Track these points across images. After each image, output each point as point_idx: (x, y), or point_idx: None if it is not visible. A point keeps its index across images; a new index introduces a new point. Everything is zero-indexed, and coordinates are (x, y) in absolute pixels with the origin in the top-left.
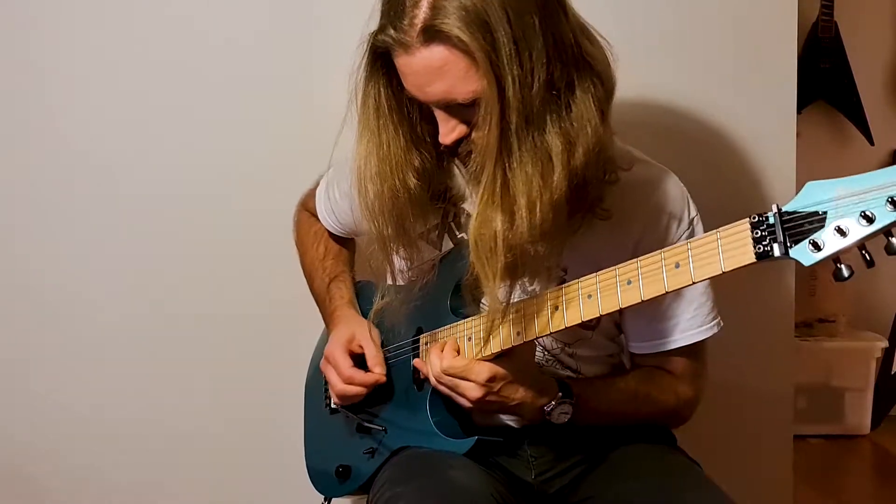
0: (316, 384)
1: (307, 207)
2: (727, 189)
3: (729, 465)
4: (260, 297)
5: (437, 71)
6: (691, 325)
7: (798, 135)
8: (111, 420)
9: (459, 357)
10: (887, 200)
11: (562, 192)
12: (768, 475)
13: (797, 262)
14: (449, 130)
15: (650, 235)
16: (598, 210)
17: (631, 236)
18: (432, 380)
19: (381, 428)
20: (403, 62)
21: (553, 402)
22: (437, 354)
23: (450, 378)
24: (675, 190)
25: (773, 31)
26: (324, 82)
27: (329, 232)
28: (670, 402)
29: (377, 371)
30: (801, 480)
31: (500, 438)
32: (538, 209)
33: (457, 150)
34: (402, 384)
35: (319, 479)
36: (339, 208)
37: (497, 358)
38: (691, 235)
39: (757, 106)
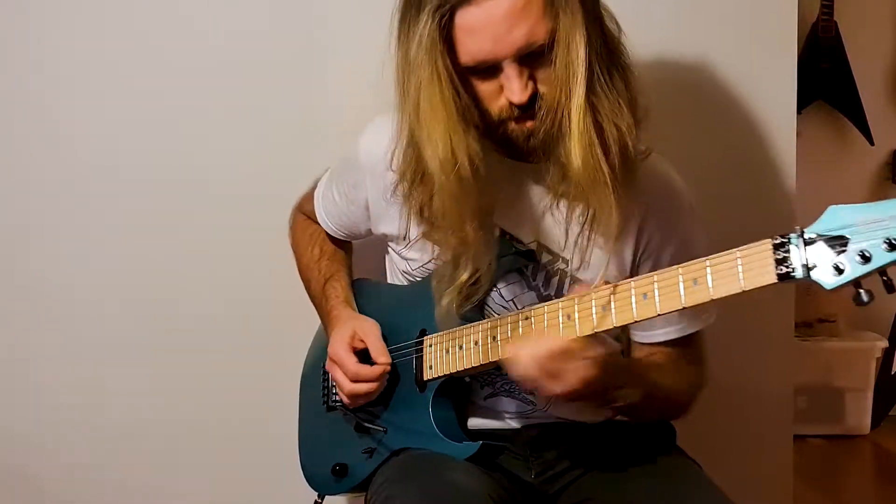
0: (312, 382)
1: (303, 210)
2: (727, 189)
3: (729, 465)
4: (257, 297)
5: (520, 12)
6: (695, 312)
7: (798, 135)
8: (110, 420)
9: (564, 339)
10: None
11: (632, 125)
12: (768, 475)
13: (818, 286)
14: (523, 86)
15: (653, 220)
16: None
17: (635, 221)
18: (531, 366)
19: (381, 428)
20: (482, 12)
21: (625, 390)
22: (539, 341)
23: (554, 366)
24: (673, 178)
25: (773, 31)
26: (323, 83)
27: (326, 234)
28: (685, 386)
29: (382, 360)
30: (801, 480)
31: (505, 444)
32: (624, 141)
33: (530, 108)
34: (403, 385)
35: (314, 477)
36: (338, 210)
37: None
38: (689, 225)
39: (757, 106)
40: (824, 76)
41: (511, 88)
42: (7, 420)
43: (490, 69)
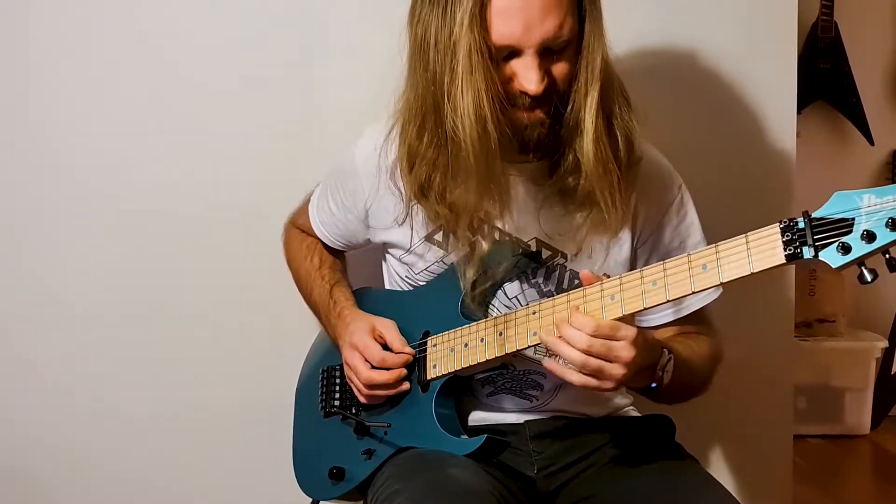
0: (309, 390)
1: (297, 224)
2: (727, 189)
3: (729, 465)
4: (255, 301)
5: (555, 4)
6: None
7: (798, 135)
8: (110, 421)
9: (599, 319)
10: None
11: (636, 126)
12: (768, 475)
13: (825, 265)
14: (540, 78)
15: (645, 204)
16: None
17: (629, 207)
18: (578, 357)
19: (385, 424)
20: None
21: (665, 360)
22: (578, 322)
23: (602, 341)
24: (660, 160)
25: (773, 31)
26: (324, 86)
27: (323, 245)
28: (710, 359)
29: (406, 350)
30: (801, 480)
31: (508, 440)
32: (631, 140)
33: (542, 100)
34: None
35: (309, 482)
36: (335, 220)
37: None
38: (681, 203)
39: (757, 106)
40: (824, 76)
41: (528, 78)
42: (8, 420)
43: (511, 55)
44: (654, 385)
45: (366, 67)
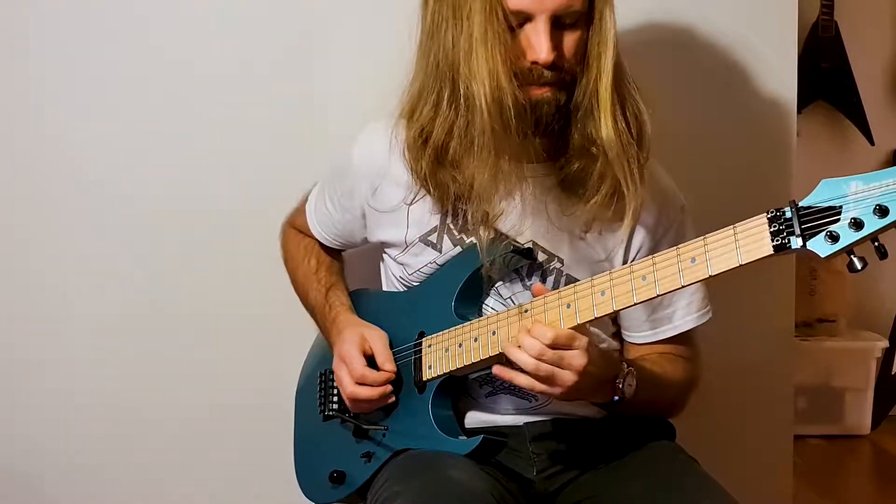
0: (309, 392)
1: (294, 225)
2: (727, 188)
3: (729, 465)
4: (256, 302)
5: None
6: (688, 311)
7: (798, 135)
8: (109, 421)
9: (558, 329)
10: None
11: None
12: (768, 475)
13: (814, 254)
14: (550, 47)
15: (644, 223)
16: None
17: (628, 224)
18: (531, 362)
19: (382, 427)
20: None
21: (625, 373)
22: (537, 332)
23: (554, 352)
24: (665, 179)
25: (773, 31)
26: (323, 84)
27: (320, 245)
28: (679, 383)
29: (388, 368)
30: (801, 480)
31: (505, 439)
32: (643, 120)
33: (551, 72)
34: (403, 389)
35: (310, 485)
36: (332, 219)
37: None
38: (682, 224)
39: (757, 106)
40: (824, 76)
41: (538, 44)
42: (8, 420)
43: (523, 22)
44: (616, 399)
45: (366, 66)
